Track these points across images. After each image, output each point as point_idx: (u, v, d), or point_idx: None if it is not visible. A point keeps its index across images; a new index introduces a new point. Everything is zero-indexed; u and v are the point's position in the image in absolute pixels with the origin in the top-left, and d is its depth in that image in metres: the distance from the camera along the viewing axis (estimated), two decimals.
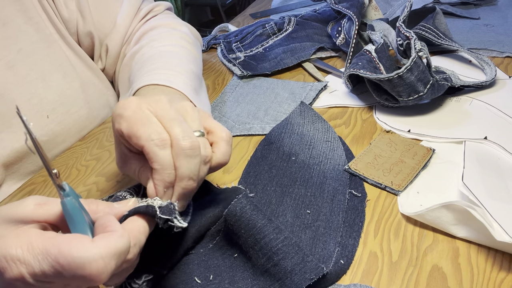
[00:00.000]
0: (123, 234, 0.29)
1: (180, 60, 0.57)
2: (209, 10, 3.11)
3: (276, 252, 0.37)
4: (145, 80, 0.51)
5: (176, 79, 0.51)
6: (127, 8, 0.65)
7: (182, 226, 0.35)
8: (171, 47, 0.60)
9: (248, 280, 0.38)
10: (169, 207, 0.35)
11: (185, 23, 0.70)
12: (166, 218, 0.34)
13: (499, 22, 0.87)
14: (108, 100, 0.69)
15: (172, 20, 0.68)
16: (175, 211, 0.35)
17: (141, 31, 0.65)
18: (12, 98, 0.55)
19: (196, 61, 0.60)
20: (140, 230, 0.33)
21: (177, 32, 0.65)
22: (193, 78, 0.55)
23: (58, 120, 0.60)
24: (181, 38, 0.63)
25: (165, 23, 0.66)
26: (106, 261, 0.27)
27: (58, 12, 0.62)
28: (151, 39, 0.61)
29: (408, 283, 0.38)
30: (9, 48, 0.55)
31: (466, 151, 0.51)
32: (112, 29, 0.64)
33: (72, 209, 0.30)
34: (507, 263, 0.39)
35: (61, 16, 0.62)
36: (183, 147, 0.35)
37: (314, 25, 0.86)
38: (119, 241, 0.28)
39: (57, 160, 0.60)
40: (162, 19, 0.68)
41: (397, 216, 0.45)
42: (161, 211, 0.34)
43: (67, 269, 0.27)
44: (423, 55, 0.58)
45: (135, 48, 0.62)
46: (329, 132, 0.57)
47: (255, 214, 0.39)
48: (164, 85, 0.50)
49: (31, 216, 0.30)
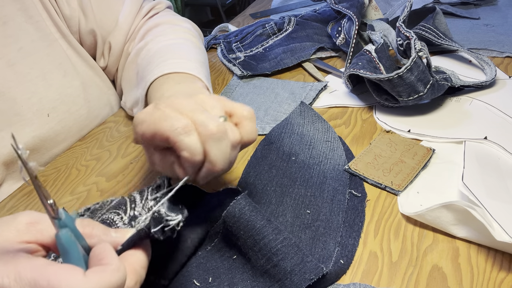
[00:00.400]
0: (119, 267, 0.27)
1: (188, 51, 0.58)
2: (209, 10, 3.11)
3: (276, 253, 0.37)
4: (157, 71, 0.52)
5: (188, 65, 0.52)
6: (129, 5, 0.66)
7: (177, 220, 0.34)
8: (177, 40, 0.61)
9: (247, 282, 0.38)
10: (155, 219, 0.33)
11: (186, 19, 0.71)
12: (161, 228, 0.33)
13: (499, 22, 0.87)
14: (109, 99, 0.69)
15: (174, 17, 0.69)
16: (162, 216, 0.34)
17: (145, 28, 0.65)
18: (13, 96, 0.55)
19: (202, 53, 0.61)
20: (140, 264, 0.31)
21: (181, 27, 0.66)
22: (203, 67, 0.56)
23: (59, 118, 0.60)
24: (185, 32, 0.64)
25: (168, 20, 0.67)
26: None
27: (60, 10, 0.62)
28: (156, 35, 0.62)
29: (408, 283, 0.38)
30: (9, 47, 0.56)
31: (466, 151, 0.51)
32: (115, 26, 0.65)
33: (67, 243, 0.28)
34: (507, 263, 0.39)
35: (63, 14, 0.62)
36: (211, 131, 0.35)
37: (314, 25, 0.86)
38: (114, 276, 0.26)
39: (57, 160, 0.60)
40: (164, 16, 0.68)
41: (397, 216, 0.45)
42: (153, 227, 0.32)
43: None
44: (423, 55, 0.58)
45: (140, 45, 0.63)
46: (329, 132, 0.57)
47: (254, 215, 0.39)
48: (177, 71, 0.51)
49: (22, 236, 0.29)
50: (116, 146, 0.61)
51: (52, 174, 0.58)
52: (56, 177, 0.57)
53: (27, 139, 0.56)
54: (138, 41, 0.65)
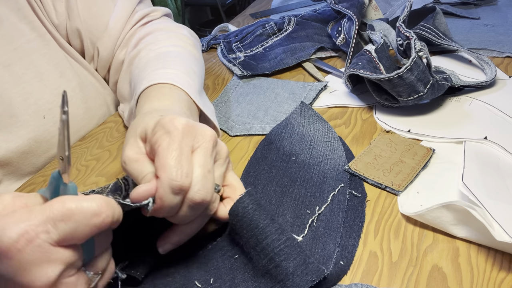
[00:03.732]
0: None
1: (181, 60, 0.56)
2: (209, 10, 3.11)
3: (278, 253, 0.37)
4: (147, 81, 0.50)
5: (179, 78, 0.51)
6: (120, 11, 0.63)
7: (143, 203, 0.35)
8: (170, 47, 0.59)
9: (249, 282, 0.38)
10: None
11: (184, 26, 0.68)
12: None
13: (499, 22, 0.87)
14: (105, 99, 0.68)
15: (169, 24, 0.66)
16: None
17: (138, 36, 0.63)
18: (8, 98, 0.55)
19: (197, 62, 0.59)
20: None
21: (175, 34, 0.63)
22: (195, 78, 0.54)
23: (55, 120, 0.59)
24: (179, 39, 0.62)
25: (163, 27, 0.65)
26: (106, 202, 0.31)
27: (48, 16, 0.61)
28: (148, 43, 0.60)
29: (408, 283, 0.38)
30: (4, 47, 0.55)
31: (466, 151, 0.51)
32: (104, 32, 0.63)
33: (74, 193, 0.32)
34: (507, 263, 0.39)
35: (51, 21, 0.61)
36: (196, 201, 0.36)
37: (314, 25, 0.86)
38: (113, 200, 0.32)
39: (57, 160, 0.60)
40: (159, 23, 0.66)
41: (397, 216, 0.45)
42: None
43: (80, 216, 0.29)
44: (423, 55, 0.58)
45: (132, 53, 0.61)
46: (329, 132, 0.57)
47: (257, 214, 0.38)
48: (168, 83, 0.49)
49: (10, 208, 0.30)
50: (116, 146, 0.61)
51: None
52: None
53: (22, 141, 0.56)
54: (131, 49, 0.62)
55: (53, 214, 0.29)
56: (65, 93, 0.29)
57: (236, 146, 0.58)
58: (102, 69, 0.67)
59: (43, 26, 0.60)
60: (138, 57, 0.59)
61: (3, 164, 0.55)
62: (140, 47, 0.60)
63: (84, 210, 0.30)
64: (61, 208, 0.29)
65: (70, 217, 0.29)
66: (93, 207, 0.30)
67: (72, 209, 0.29)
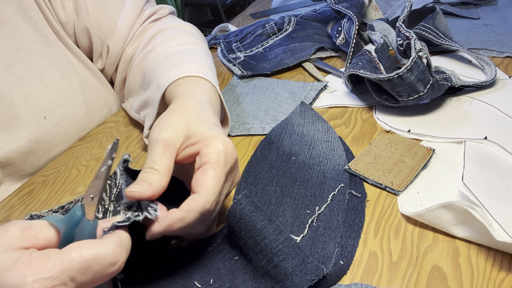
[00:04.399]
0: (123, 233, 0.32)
1: (201, 56, 0.58)
2: (209, 10, 3.11)
3: (277, 254, 0.37)
4: (174, 74, 0.52)
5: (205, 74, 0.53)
6: (130, 9, 0.65)
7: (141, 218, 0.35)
8: (189, 45, 0.61)
9: (248, 283, 0.38)
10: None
11: (191, 24, 0.70)
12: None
13: (499, 22, 0.87)
14: (107, 101, 0.68)
15: (179, 22, 0.68)
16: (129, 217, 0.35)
17: (152, 32, 0.64)
18: (10, 98, 0.55)
19: (211, 59, 0.61)
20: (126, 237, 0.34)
21: (189, 32, 0.65)
22: (213, 72, 0.56)
23: (56, 121, 0.59)
24: (194, 37, 0.64)
25: (175, 25, 0.66)
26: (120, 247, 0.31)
27: (56, 14, 0.61)
28: (165, 39, 0.61)
29: (408, 283, 0.38)
30: (7, 48, 0.55)
31: (466, 151, 0.51)
32: (114, 29, 0.64)
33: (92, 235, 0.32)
34: (507, 263, 0.39)
35: (59, 19, 0.62)
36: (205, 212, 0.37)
37: (314, 25, 0.86)
38: (124, 233, 0.32)
39: (57, 160, 0.60)
40: (170, 21, 0.67)
41: (397, 216, 0.45)
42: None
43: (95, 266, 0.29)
44: (423, 55, 0.58)
45: (147, 48, 0.62)
46: (329, 132, 0.57)
47: (254, 215, 0.39)
48: (198, 76, 0.51)
49: (19, 243, 0.30)
50: None
51: (52, 174, 0.58)
52: (56, 177, 0.57)
53: (23, 141, 0.56)
54: (144, 45, 0.64)
55: (71, 266, 0.28)
56: (117, 141, 0.31)
57: (236, 146, 0.58)
58: (111, 66, 0.67)
59: (48, 26, 0.60)
60: (154, 52, 0.60)
61: (4, 165, 0.55)
62: (156, 42, 0.61)
63: (101, 260, 0.29)
64: (79, 259, 0.29)
65: (88, 269, 0.29)
66: (110, 257, 0.30)
67: (90, 260, 0.29)
